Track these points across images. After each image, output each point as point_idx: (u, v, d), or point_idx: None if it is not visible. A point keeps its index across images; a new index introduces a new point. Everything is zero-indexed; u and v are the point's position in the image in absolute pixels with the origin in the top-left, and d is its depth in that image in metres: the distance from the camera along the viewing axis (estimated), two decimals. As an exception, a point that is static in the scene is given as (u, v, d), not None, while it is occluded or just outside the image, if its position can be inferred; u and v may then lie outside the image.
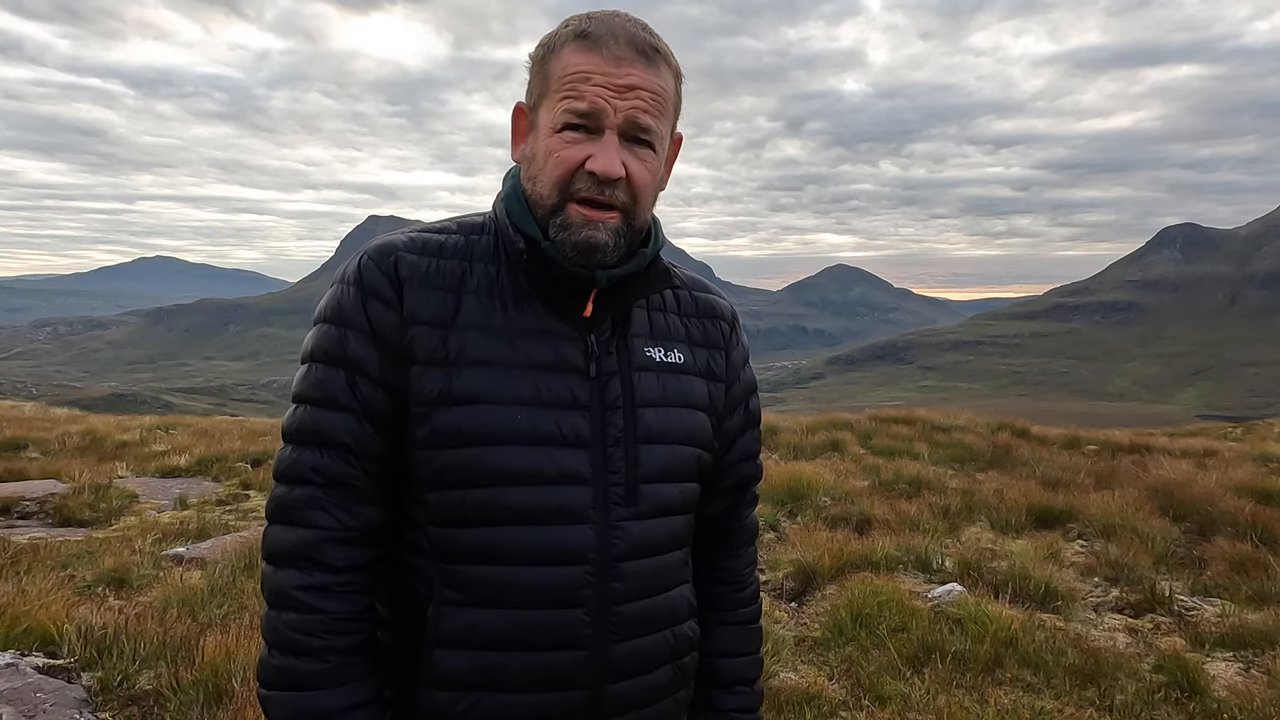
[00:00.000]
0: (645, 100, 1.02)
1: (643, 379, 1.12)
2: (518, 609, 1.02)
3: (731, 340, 1.26)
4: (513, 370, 1.04)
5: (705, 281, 1.29)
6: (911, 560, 5.37)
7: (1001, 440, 10.59)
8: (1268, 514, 6.26)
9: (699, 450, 1.16)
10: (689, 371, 1.17)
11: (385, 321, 1.04)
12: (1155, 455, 9.79)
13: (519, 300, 1.08)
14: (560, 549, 1.03)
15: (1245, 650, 4.19)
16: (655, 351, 1.15)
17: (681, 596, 1.17)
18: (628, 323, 1.14)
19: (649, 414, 1.11)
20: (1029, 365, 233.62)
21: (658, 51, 1.03)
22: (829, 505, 6.90)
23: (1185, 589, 5.16)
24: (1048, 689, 3.64)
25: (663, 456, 1.11)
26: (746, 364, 1.30)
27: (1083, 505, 6.77)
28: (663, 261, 1.15)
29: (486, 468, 1.02)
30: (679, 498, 1.14)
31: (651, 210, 1.10)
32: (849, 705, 3.50)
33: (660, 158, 1.07)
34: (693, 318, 1.22)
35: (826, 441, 10.30)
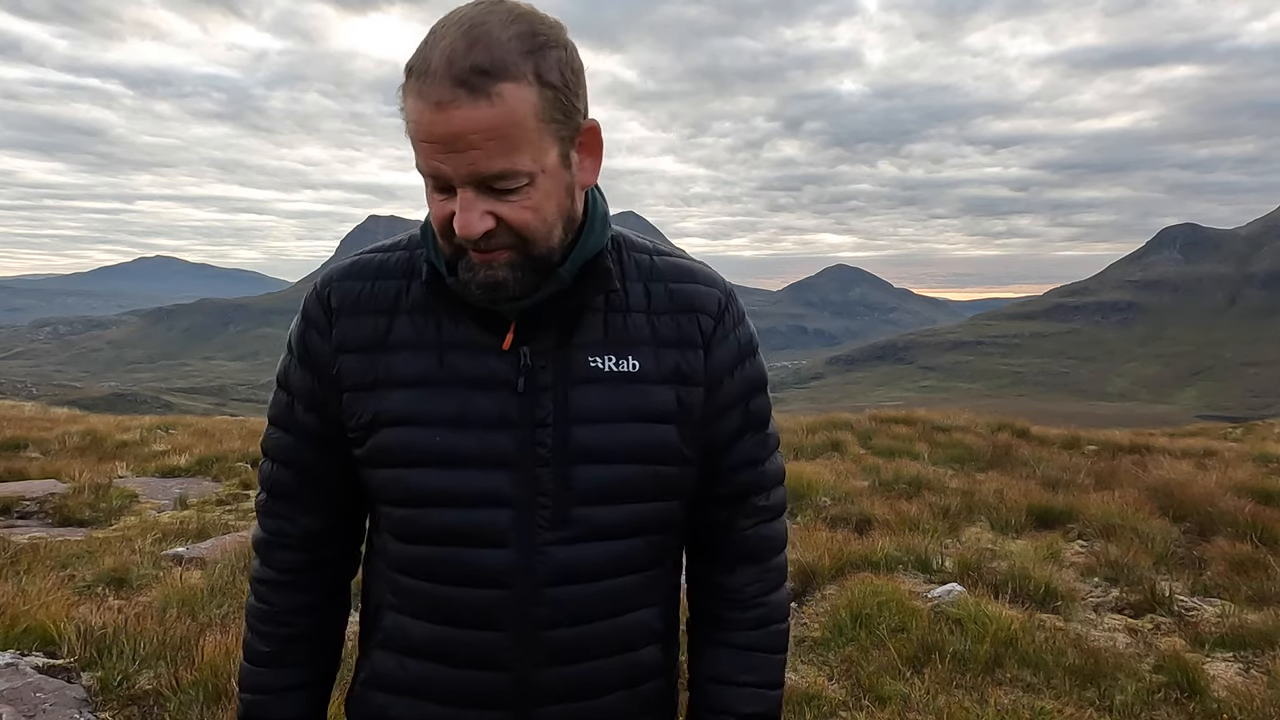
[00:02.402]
0: (480, 145, 0.87)
1: (581, 393, 1.02)
2: (443, 625, 1.02)
3: (716, 335, 1.10)
4: (439, 389, 1.01)
5: (692, 267, 1.14)
6: (911, 560, 5.38)
7: (1001, 440, 10.59)
8: (1268, 514, 6.26)
9: (659, 467, 1.05)
10: (648, 379, 1.05)
11: (320, 350, 1.06)
12: (1155, 455, 9.79)
13: (454, 313, 1.02)
14: (479, 572, 1.00)
15: (1245, 650, 4.19)
16: (604, 360, 1.03)
17: (640, 622, 1.09)
18: (572, 331, 1.04)
19: (587, 431, 1.02)
20: (1029, 365, 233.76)
21: (485, 73, 0.85)
22: (829, 505, 6.90)
23: (1185, 589, 5.16)
24: (1048, 689, 3.64)
25: (603, 477, 1.02)
26: (746, 360, 1.14)
27: (1083, 505, 6.77)
28: (605, 261, 1.03)
29: (411, 489, 1.01)
30: (630, 520, 1.04)
31: (556, 230, 0.96)
32: (849, 705, 3.50)
33: (541, 184, 0.92)
34: (664, 315, 1.08)
35: (826, 441, 10.30)
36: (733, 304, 1.13)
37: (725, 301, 1.12)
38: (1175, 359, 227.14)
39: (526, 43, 0.88)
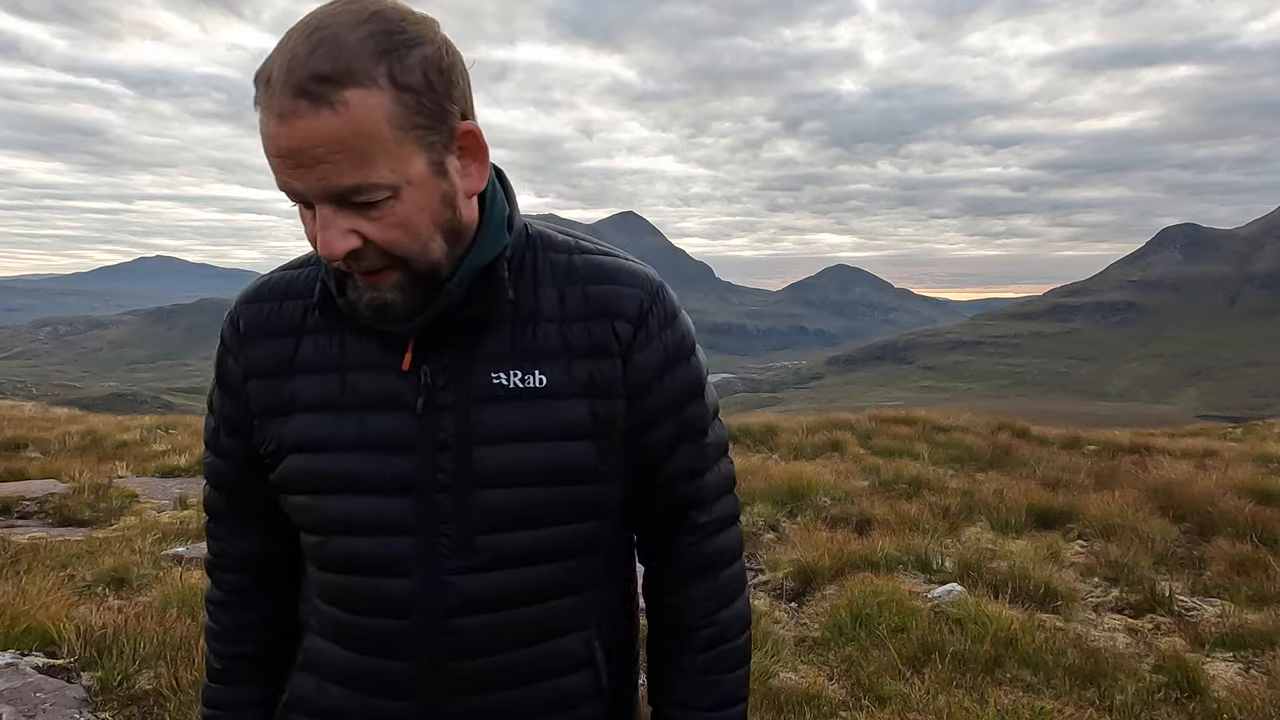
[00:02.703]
0: (328, 158, 0.80)
1: (484, 412, 0.96)
2: (352, 652, 1.00)
3: (637, 341, 1.01)
4: (341, 413, 0.97)
5: (613, 265, 1.04)
6: (911, 560, 5.38)
7: (1001, 440, 10.59)
8: (1268, 514, 6.26)
9: (572, 487, 0.99)
10: (558, 394, 0.97)
11: (233, 376, 1.05)
12: (1155, 455, 9.79)
13: (357, 333, 0.97)
14: (381, 601, 0.97)
15: (1245, 650, 4.19)
16: (509, 376, 0.97)
17: (563, 650, 1.03)
18: (475, 346, 0.97)
19: (490, 452, 0.96)
20: (1029, 365, 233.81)
21: (326, 80, 0.78)
22: (829, 505, 6.90)
23: (1185, 589, 5.16)
24: (1048, 689, 3.65)
25: (508, 500, 0.96)
26: (677, 365, 1.04)
27: (1083, 505, 6.77)
28: (499, 269, 0.95)
29: (316, 515, 0.99)
30: (541, 544, 0.99)
31: (434, 244, 0.89)
32: (849, 705, 3.50)
33: (409, 197, 0.85)
34: (577, 322, 1.00)
35: (826, 441, 10.31)
36: (659, 305, 1.04)
37: (648, 303, 1.02)
38: (1175, 359, 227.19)
39: (379, 43, 0.81)
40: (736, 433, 10.95)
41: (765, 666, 3.74)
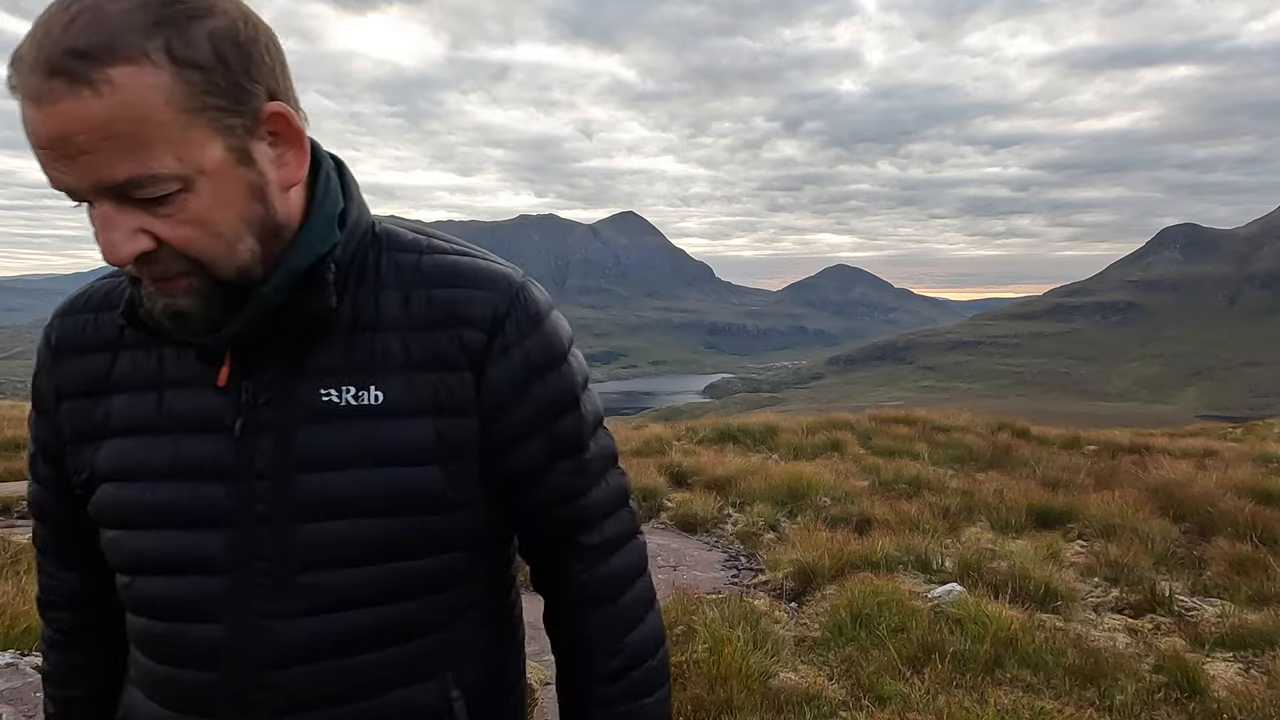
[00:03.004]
0: (93, 148, 0.69)
1: (310, 433, 0.85)
2: (163, 707, 0.89)
3: (491, 351, 0.89)
4: (155, 436, 0.87)
5: (465, 266, 0.92)
6: (911, 560, 5.38)
7: (1001, 440, 10.60)
8: (1268, 514, 6.26)
9: (416, 518, 0.87)
10: (396, 413, 0.86)
11: (47, 396, 0.96)
12: (1155, 455, 9.79)
13: (179, 343, 0.86)
14: (187, 651, 0.85)
15: (1245, 650, 4.19)
16: (341, 393, 0.85)
17: (412, 703, 0.91)
18: (304, 359, 0.86)
19: (315, 480, 0.84)
20: (1029, 365, 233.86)
21: (84, 56, 0.67)
22: (829, 505, 6.90)
23: (1185, 589, 5.16)
24: (1048, 689, 3.64)
25: (339, 534, 0.85)
26: (543, 375, 0.92)
27: (1083, 505, 6.77)
28: (323, 272, 0.83)
29: (124, 553, 0.88)
30: (379, 583, 0.87)
31: (242, 243, 0.79)
32: (849, 705, 3.50)
33: (204, 190, 0.75)
34: (421, 330, 0.88)
35: (826, 441, 10.31)
36: (518, 309, 0.91)
37: (504, 308, 0.90)
38: (1175, 359, 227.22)
39: (152, 13, 0.70)
40: (737, 433, 10.95)
41: (765, 666, 3.74)
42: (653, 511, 7.16)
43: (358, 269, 0.90)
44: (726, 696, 3.42)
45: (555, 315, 0.97)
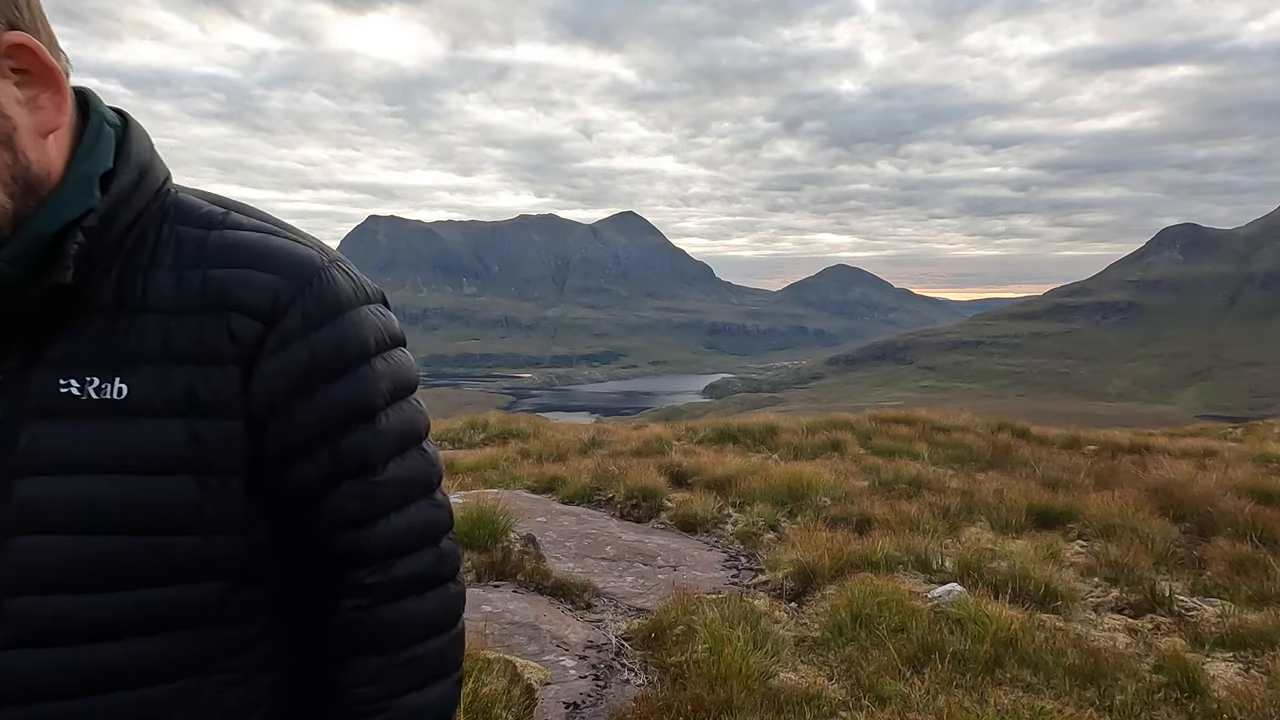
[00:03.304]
0: None
1: (38, 430, 0.72)
2: None
3: (267, 343, 0.77)
4: None
5: (259, 243, 0.80)
6: (911, 560, 5.38)
7: (1001, 440, 10.59)
8: (1268, 514, 6.26)
9: (163, 539, 0.74)
10: (143, 411, 0.74)
11: None
12: (1155, 455, 9.78)
13: None
14: None
15: (1245, 650, 4.19)
16: (83, 385, 0.73)
17: None
18: (49, 343, 0.74)
19: (37, 486, 0.71)
20: (1029, 365, 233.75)
21: None
22: (829, 505, 6.90)
23: (1185, 589, 5.16)
24: (1048, 689, 3.64)
25: (59, 552, 0.71)
26: (332, 378, 0.80)
27: (1083, 505, 6.77)
28: (67, 243, 0.72)
29: None
30: (117, 614, 0.73)
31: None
32: (849, 705, 3.50)
33: None
34: (187, 315, 0.76)
35: (826, 441, 10.30)
36: (308, 297, 0.79)
37: (289, 294, 0.78)
38: (1175, 359, 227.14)
39: None
40: (737, 433, 10.94)
41: (765, 666, 3.74)
42: (653, 511, 7.16)
43: (132, 242, 0.77)
44: (726, 696, 3.42)
45: (364, 311, 0.83)
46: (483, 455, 9.82)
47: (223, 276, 0.77)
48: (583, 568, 5.60)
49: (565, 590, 5.03)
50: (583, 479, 7.88)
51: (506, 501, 6.07)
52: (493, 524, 5.47)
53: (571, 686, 3.81)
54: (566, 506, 7.33)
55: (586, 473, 8.09)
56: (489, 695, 3.24)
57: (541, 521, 6.52)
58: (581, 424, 14.62)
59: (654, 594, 5.16)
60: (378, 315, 0.85)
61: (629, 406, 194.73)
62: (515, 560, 5.24)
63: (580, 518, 6.90)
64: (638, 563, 5.81)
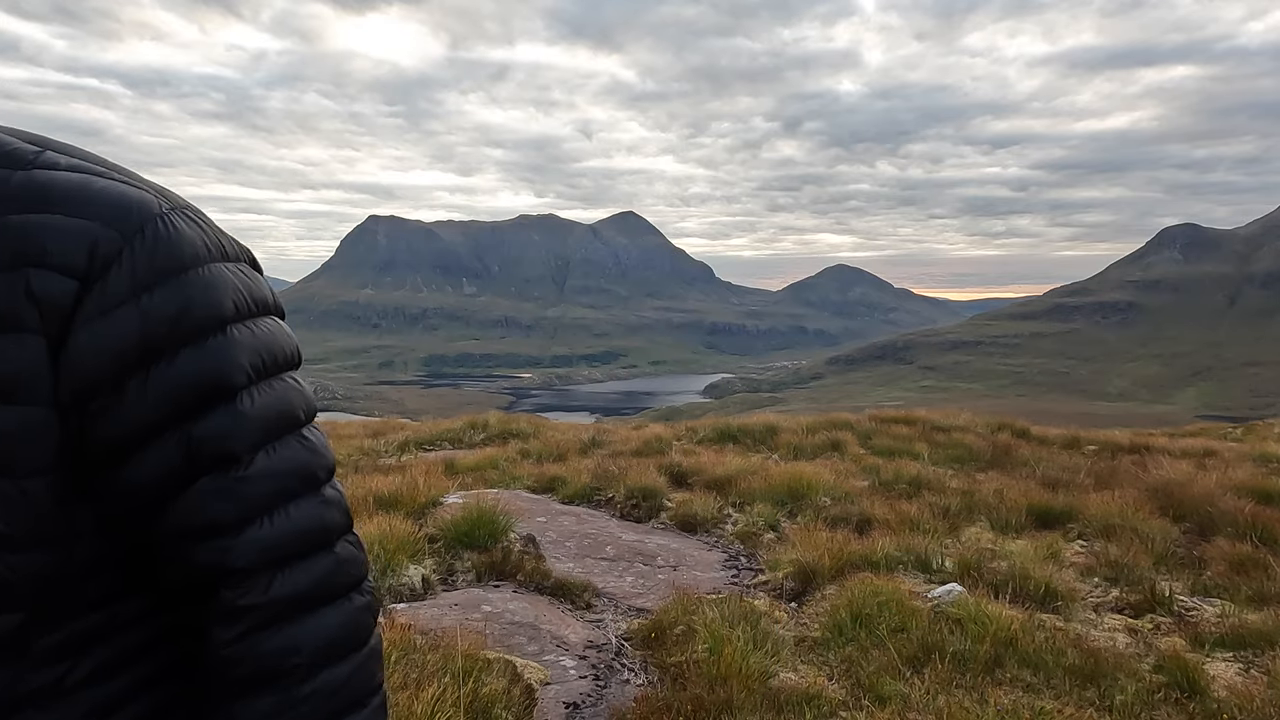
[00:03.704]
0: None
1: None
2: None
3: (84, 308, 0.62)
4: None
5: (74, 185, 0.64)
6: (911, 560, 5.37)
7: (1001, 440, 10.59)
8: (1268, 514, 6.26)
9: None
10: None
11: None
12: (1155, 455, 9.78)
13: None
14: None
15: (1245, 650, 4.19)
16: None
17: None
18: None
19: None
20: (1029, 365, 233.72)
21: None
22: (829, 505, 6.90)
23: (1185, 589, 5.16)
24: (1048, 689, 3.64)
25: None
26: (177, 349, 0.65)
27: (1083, 505, 6.77)
28: None
29: None
30: None
31: None
32: (849, 705, 3.50)
33: None
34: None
35: (826, 441, 10.30)
36: (139, 248, 0.64)
37: (113, 246, 0.63)
38: (1175, 359, 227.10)
39: None
40: (737, 433, 10.94)
41: (765, 666, 3.74)
42: (653, 511, 7.16)
43: None
44: (726, 696, 3.41)
45: (218, 269, 0.68)
46: (483, 455, 9.81)
47: (21, 225, 0.61)
48: (583, 568, 5.60)
49: (565, 590, 5.03)
50: (583, 479, 7.88)
51: (506, 501, 6.06)
52: (493, 524, 5.47)
53: (571, 686, 3.81)
54: (566, 506, 7.33)
55: (586, 473, 8.09)
56: (489, 695, 3.24)
57: (541, 521, 6.52)
58: (581, 424, 14.62)
59: (654, 594, 5.16)
60: (238, 274, 0.70)
61: (629, 406, 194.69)
62: (515, 560, 5.24)
63: (580, 518, 6.90)
64: (638, 563, 5.81)
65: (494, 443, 11.78)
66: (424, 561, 5.09)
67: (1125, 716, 3.43)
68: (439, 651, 3.53)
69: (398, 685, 3.11)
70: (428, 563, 5.12)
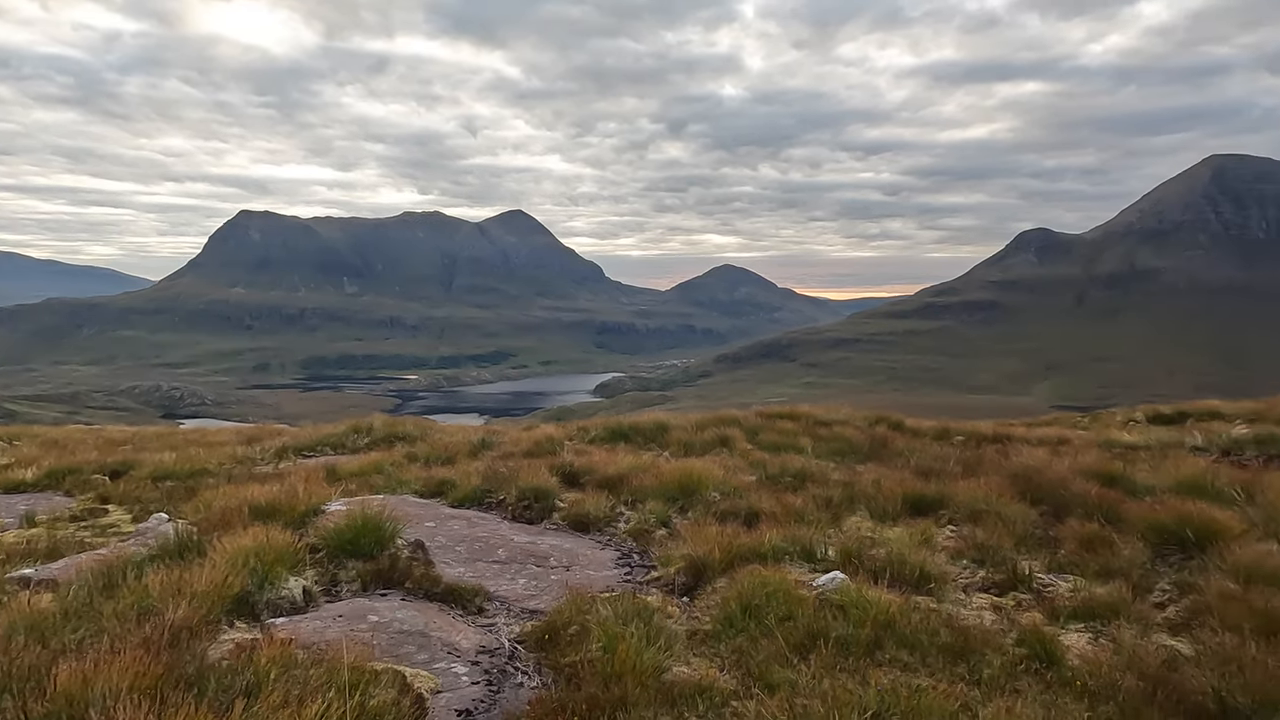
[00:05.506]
0: None
1: None
2: None
3: None
4: None
5: None
6: (797, 551, 5.55)
7: (879, 433, 11.09)
8: (1112, 496, 6.81)
9: None
10: None
11: None
12: (1015, 444, 10.49)
13: None
14: None
15: (1095, 621, 4.56)
16: None
17: None
18: None
19: None
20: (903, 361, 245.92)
21: None
22: (719, 500, 7.03)
23: (1043, 567, 5.56)
24: (923, 667, 3.84)
25: None
26: None
27: (952, 492, 7.17)
28: None
29: None
30: None
31: None
32: (740, 695, 3.58)
33: None
34: None
35: (715, 438, 10.50)
36: None
37: None
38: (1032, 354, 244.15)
39: None
40: (628, 431, 11.00)
41: (659, 661, 3.77)
42: (545, 512, 7.11)
43: None
44: (621, 693, 3.43)
45: None
46: (367, 460, 9.48)
47: None
48: (474, 572, 5.50)
49: (456, 596, 4.93)
50: (473, 481, 7.73)
51: (393, 507, 5.88)
52: (379, 531, 5.29)
53: (464, 693, 3.74)
54: (457, 510, 7.17)
55: (477, 475, 7.94)
56: (377, 707, 3.14)
57: (430, 526, 6.35)
58: (471, 426, 14.33)
59: (547, 595, 5.12)
60: None
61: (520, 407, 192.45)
62: (403, 567, 5.09)
63: (471, 521, 6.77)
64: (530, 564, 5.75)
65: (379, 447, 11.39)
66: (305, 573, 4.87)
67: (992, 689, 3.66)
68: (323, 665, 3.38)
69: (278, 703, 2.96)
70: (309, 574, 4.90)
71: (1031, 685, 3.75)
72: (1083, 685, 3.71)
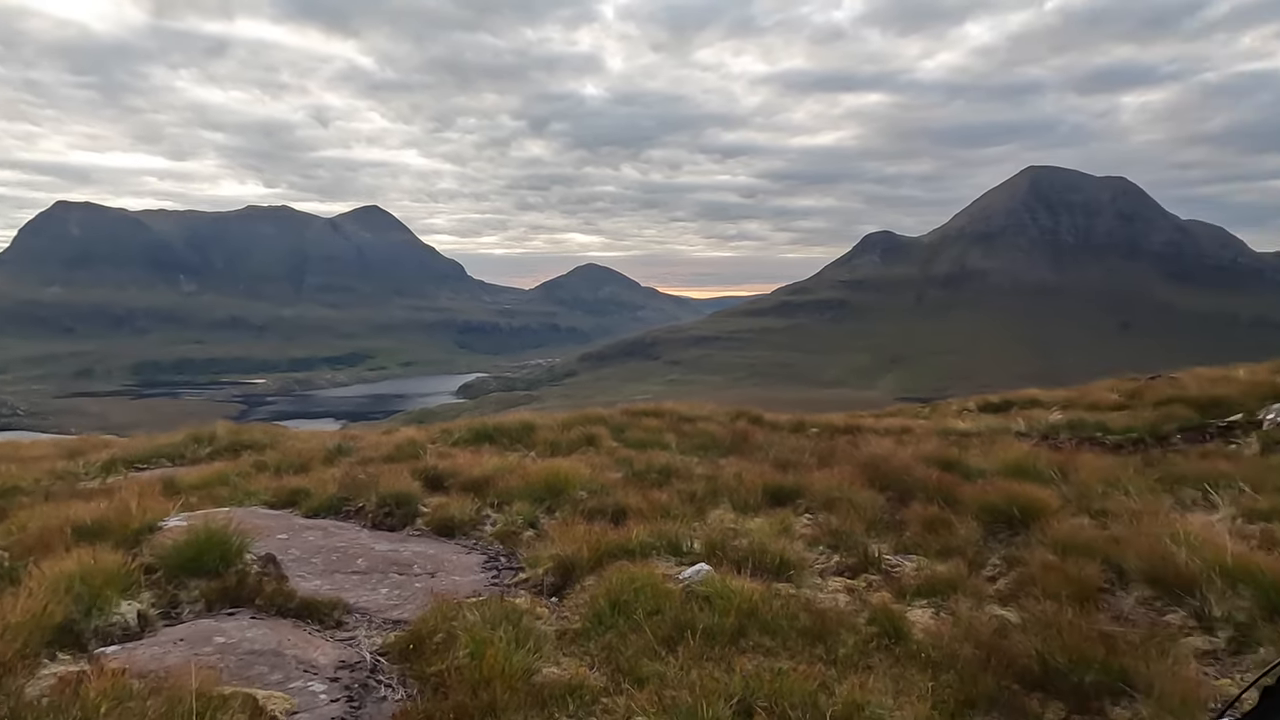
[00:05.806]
0: None
1: None
2: None
3: None
4: None
5: None
6: (664, 545, 5.65)
7: (740, 428, 11.46)
8: (949, 480, 7.35)
9: None
10: None
11: None
12: (865, 434, 11.13)
13: None
14: None
15: (936, 597, 4.91)
16: None
17: None
18: None
19: None
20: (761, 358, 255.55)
21: None
22: (586, 499, 7.05)
23: (890, 549, 5.93)
24: (784, 651, 4.01)
25: None
26: None
27: (809, 482, 7.51)
28: None
29: None
30: None
31: None
32: (610, 691, 3.61)
33: None
34: None
35: (581, 437, 10.52)
36: None
37: None
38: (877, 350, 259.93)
39: None
40: (493, 432, 10.83)
41: (528, 664, 3.74)
42: (408, 518, 6.88)
43: None
44: (490, 699, 3.38)
45: None
46: (210, 471, 8.85)
47: None
48: (332, 584, 5.25)
49: (312, 610, 4.69)
50: (329, 489, 7.38)
51: (240, 520, 5.52)
52: (224, 545, 4.95)
53: (322, 712, 3.56)
54: (312, 520, 6.82)
55: (333, 483, 7.59)
56: (225, 735, 2.94)
57: (283, 539, 6.01)
58: (326, 431, 13.67)
59: (411, 604, 4.96)
60: None
61: (379, 410, 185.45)
62: (253, 583, 4.79)
63: (328, 531, 6.46)
64: (392, 573, 5.56)
65: (224, 456, 10.68)
66: (140, 595, 4.49)
67: (847, 666, 3.87)
68: (162, 694, 3.14)
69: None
70: (145, 596, 4.52)
71: (882, 660, 3.99)
72: (927, 657, 3.99)
